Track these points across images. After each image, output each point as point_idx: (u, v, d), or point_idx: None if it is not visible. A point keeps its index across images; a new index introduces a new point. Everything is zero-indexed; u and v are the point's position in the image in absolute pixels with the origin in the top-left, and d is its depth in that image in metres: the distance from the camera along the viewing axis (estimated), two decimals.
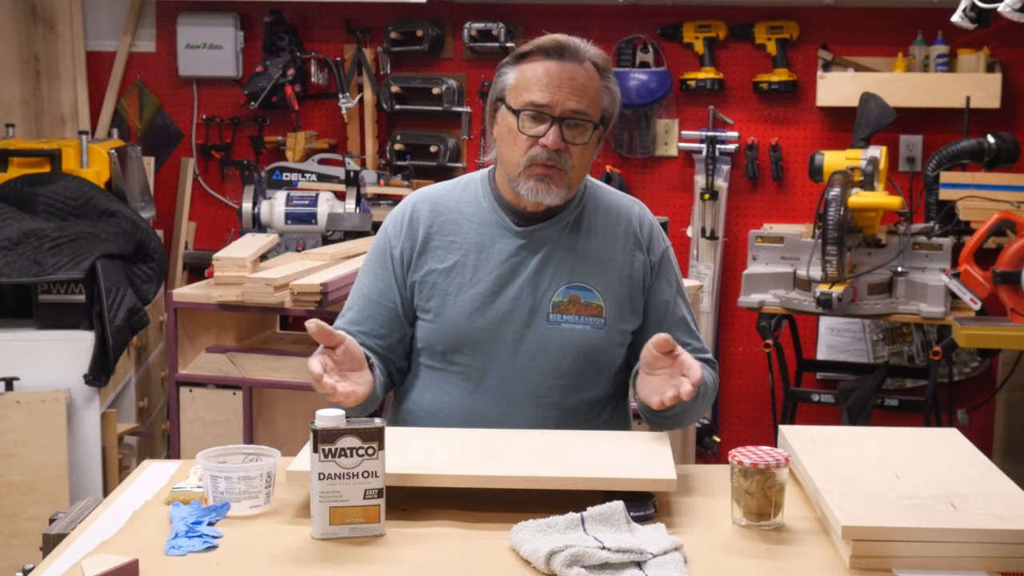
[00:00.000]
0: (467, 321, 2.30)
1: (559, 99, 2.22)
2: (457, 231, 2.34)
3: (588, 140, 2.25)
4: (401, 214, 2.39)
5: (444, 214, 2.36)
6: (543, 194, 2.25)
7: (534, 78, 2.24)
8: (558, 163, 2.24)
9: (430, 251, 2.34)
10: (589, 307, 2.30)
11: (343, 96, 4.87)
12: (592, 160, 2.32)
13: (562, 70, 2.23)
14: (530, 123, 2.24)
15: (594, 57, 2.27)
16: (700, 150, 4.79)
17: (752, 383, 4.91)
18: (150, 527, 1.87)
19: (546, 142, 2.22)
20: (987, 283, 3.80)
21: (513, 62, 2.29)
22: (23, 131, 4.87)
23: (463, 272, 2.31)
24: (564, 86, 2.23)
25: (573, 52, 2.25)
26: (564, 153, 2.23)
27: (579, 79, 2.24)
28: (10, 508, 3.62)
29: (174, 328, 3.84)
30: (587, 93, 2.24)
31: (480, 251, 2.32)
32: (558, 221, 2.32)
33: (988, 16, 3.85)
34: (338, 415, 1.83)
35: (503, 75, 2.29)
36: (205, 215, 5.14)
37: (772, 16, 4.71)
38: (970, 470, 1.98)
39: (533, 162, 2.24)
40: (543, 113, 2.23)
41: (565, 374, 2.30)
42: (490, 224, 2.33)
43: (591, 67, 2.26)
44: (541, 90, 2.23)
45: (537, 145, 2.23)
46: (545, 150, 2.23)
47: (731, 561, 1.77)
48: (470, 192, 2.38)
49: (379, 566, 1.74)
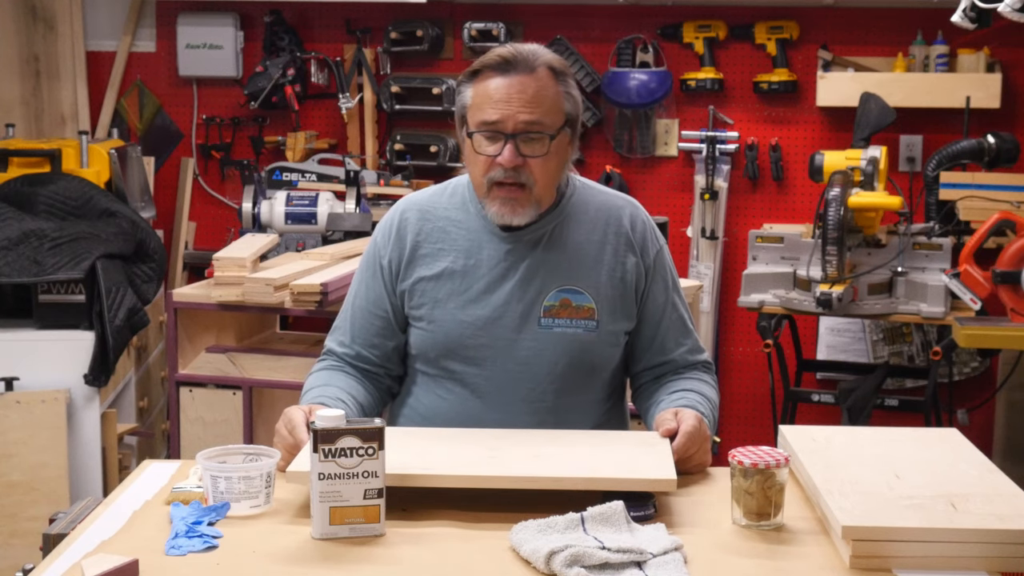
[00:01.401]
0: (458, 327, 2.29)
1: (509, 114, 2.19)
2: (445, 238, 2.33)
3: (547, 151, 2.21)
4: (389, 223, 2.38)
5: (432, 221, 2.35)
6: (509, 216, 2.24)
7: (485, 96, 2.21)
8: (518, 179, 2.21)
9: (419, 259, 2.33)
10: (581, 310, 2.29)
11: (343, 96, 4.87)
12: (564, 165, 2.28)
13: (510, 84, 2.19)
14: (486, 143, 2.21)
15: (548, 62, 2.23)
16: (700, 150, 4.79)
17: (752, 383, 4.91)
18: (150, 527, 1.87)
19: (501, 160, 2.20)
20: (987, 283, 3.80)
21: (467, 80, 2.26)
22: (23, 131, 4.87)
23: (452, 279, 2.30)
24: (514, 100, 2.19)
25: (523, 62, 2.21)
26: (523, 169, 2.20)
27: (529, 90, 2.19)
28: (10, 508, 3.62)
29: (174, 328, 3.84)
30: (541, 103, 2.20)
31: (469, 257, 2.31)
32: (543, 226, 2.30)
33: (988, 16, 3.85)
34: (338, 415, 1.83)
35: (461, 95, 2.27)
36: (205, 215, 5.14)
37: (772, 16, 4.71)
38: (970, 470, 1.98)
39: (493, 183, 2.22)
40: (496, 132, 2.20)
41: (559, 377, 2.29)
42: (478, 230, 2.32)
43: (545, 73, 2.22)
44: (492, 107, 2.19)
45: (495, 164, 2.21)
46: (502, 168, 2.20)
47: (731, 561, 1.76)
48: (457, 198, 2.36)
49: (379, 566, 1.74)
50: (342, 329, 2.42)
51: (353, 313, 2.40)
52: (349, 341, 2.39)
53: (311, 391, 2.33)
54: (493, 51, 2.25)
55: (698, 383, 2.35)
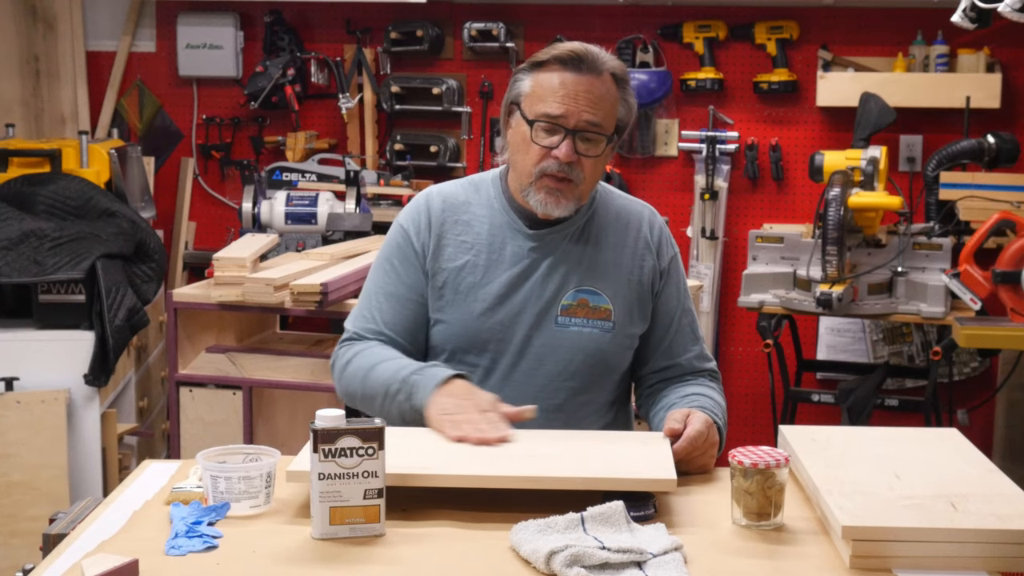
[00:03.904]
0: (476, 321, 2.30)
1: (574, 111, 2.20)
2: (468, 231, 2.33)
3: (601, 153, 2.24)
4: (416, 209, 2.37)
5: (456, 213, 2.35)
6: (552, 207, 2.25)
7: (550, 88, 2.22)
8: (569, 175, 2.23)
9: (443, 248, 2.33)
10: (598, 311, 2.30)
11: (343, 96, 4.87)
12: (604, 169, 2.32)
13: (578, 82, 2.21)
14: (544, 134, 2.23)
15: (613, 68, 2.25)
16: (700, 150, 4.79)
17: (752, 383, 4.91)
18: (150, 527, 1.87)
19: (559, 154, 2.21)
20: (987, 283, 3.80)
21: (529, 69, 2.26)
22: (23, 131, 4.87)
23: (474, 272, 2.31)
24: (580, 98, 2.20)
25: (591, 63, 2.22)
26: (576, 165, 2.22)
27: (596, 91, 2.22)
28: (10, 508, 3.62)
29: (174, 328, 3.84)
30: (603, 106, 2.22)
31: (491, 252, 2.32)
32: (568, 226, 2.32)
33: (988, 16, 3.85)
34: (338, 415, 1.83)
35: (519, 80, 2.27)
36: (205, 215, 5.14)
37: (772, 16, 4.71)
38: (970, 470, 1.98)
39: (544, 173, 2.23)
40: (557, 125, 2.21)
41: (573, 376, 2.30)
42: (502, 226, 2.33)
43: (609, 78, 2.24)
44: (556, 101, 2.21)
45: (550, 156, 2.22)
46: (557, 162, 2.21)
47: (731, 561, 1.76)
48: (482, 193, 2.37)
49: (379, 566, 1.74)
50: (369, 317, 2.35)
51: (385, 301, 2.34)
52: (382, 328, 2.33)
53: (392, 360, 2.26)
54: (563, 45, 2.26)
55: (708, 389, 2.36)
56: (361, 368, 2.29)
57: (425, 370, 2.22)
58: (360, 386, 2.29)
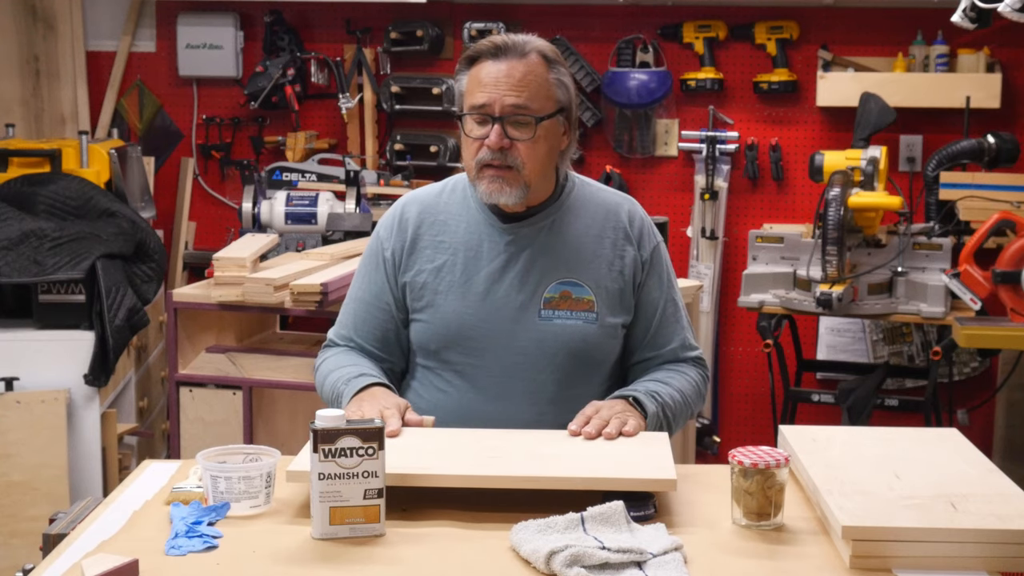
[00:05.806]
0: (458, 319, 2.32)
1: (496, 97, 2.23)
2: (445, 231, 2.36)
3: (534, 135, 2.25)
4: (391, 217, 2.43)
5: (433, 215, 2.38)
6: (496, 195, 2.27)
7: (476, 81, 2.26)
8: (504, 161, 2.24)
9: (419, 251, 2.37)
10: (580, 302, 2.32)
11: (343, 96, 4.87)
12: (555, 151, 2.31)
13: (499, 69, 2.24)
14: (475, 126, 2.26)
15: (539, 48, 2.27)
16: (700, 150, 4.79)
17: (752, 383, 4.91)
18: (150, 527, 1.87)
19: (488, 142, 2.24)
20: (987, 283, 3.80)
21: (463, 67, 2.31)
22: (23, 131, 4.87)
23: (453, 271, 2.33)
24: (501, 84, 2.23)
25: (514, 48, 2.25)
26: (510, 151, 2.24)
27: (517, 74, 2.23)
28: (10, 508, 3.62)
29: (174, 328, 3.84)
30: (528, 86, 2.23)
31: (469, 250, 2.34)
32: (542, 218, 2.34)
33: (988, 16, 3.85)
34: (338, 415, 1.83)
35: (458, 82, 2.32)
36: (205, 215, 5.14)
37: (772, 16, 4.71)
38: (970, 470, 1.98)
39: (482, 164, 2.26)
40: (484, 115, 2.24)
41: (559, 369, 2.31)
42: (478, 223, 2.35)
43: (536, 59, 2.26)
44: (481, 91, 2.24)
45: (484, 146, 2.25)
46: (489, 150, 2.24)
47: (731, 561, 1.77)
48: (457, 193, 2.40)
49: (379, 566, 1.74)
50: (343, 323, 2.45)
51: (356, 307, 2.43)
52: (351, 335, 2.42)
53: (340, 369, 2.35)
54: (488, 38, 2.30)
55: (674, 374, 2.37)
56: (321, 375, 2.43)
57: (352, 380, 2.30)
58: (320, 393, 2.42)
